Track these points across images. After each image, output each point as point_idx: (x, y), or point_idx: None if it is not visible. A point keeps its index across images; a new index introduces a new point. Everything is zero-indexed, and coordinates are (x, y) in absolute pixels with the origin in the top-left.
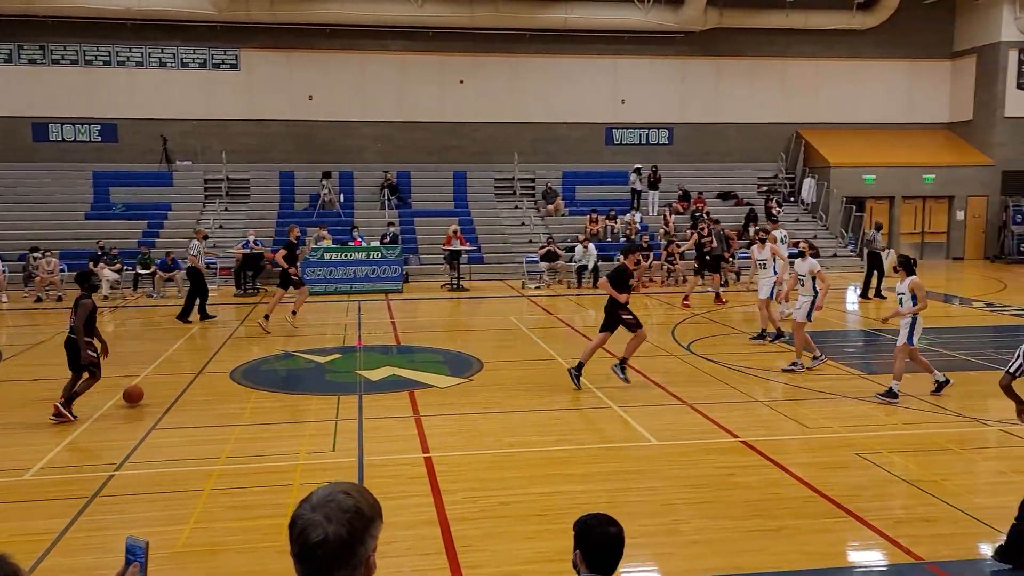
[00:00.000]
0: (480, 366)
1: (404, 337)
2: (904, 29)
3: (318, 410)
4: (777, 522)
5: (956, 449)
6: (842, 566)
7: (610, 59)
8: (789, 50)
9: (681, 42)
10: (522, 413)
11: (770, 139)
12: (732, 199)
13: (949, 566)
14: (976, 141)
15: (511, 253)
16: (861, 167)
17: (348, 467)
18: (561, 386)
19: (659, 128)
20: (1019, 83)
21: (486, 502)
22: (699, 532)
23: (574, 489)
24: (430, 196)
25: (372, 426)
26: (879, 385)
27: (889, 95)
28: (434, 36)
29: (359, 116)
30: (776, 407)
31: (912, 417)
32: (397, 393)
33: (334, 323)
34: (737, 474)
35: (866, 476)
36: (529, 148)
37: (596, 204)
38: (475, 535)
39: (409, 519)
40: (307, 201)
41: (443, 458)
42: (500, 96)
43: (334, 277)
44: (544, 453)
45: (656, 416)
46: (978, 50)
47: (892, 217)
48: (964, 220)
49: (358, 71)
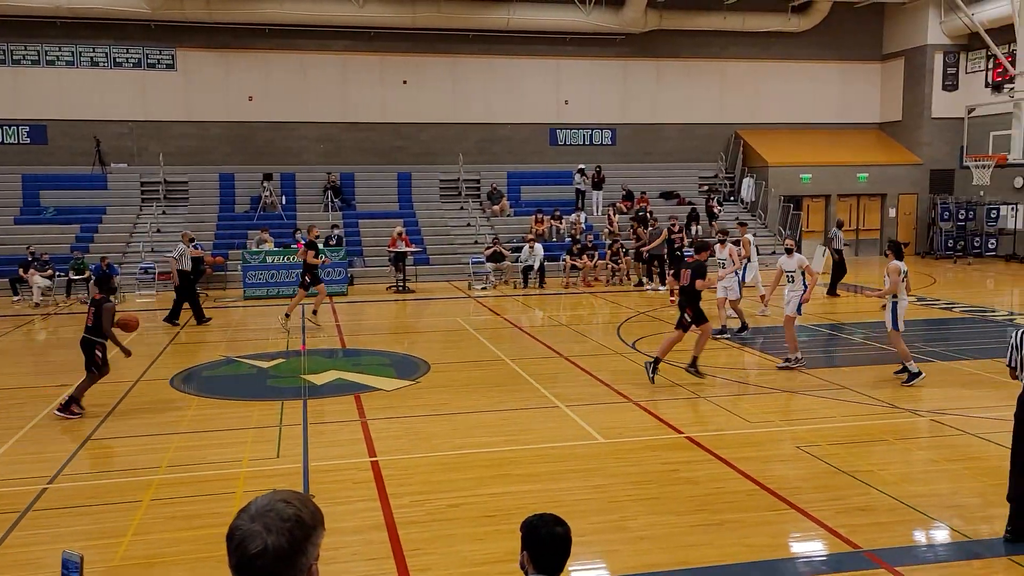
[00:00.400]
0: (427, 368)
1: (349, 340)
2: (836, 32)
3: (261, 416)
4: (721, 516)
5: (891, 439)
6: (784, 557)
7: (553, 60)
8: (727, 52)
9: (622, 44)
10: (470, 414)
11: (710, 139)
12: (674, 198)
13: (885, 553)
14: (905, 141)
15: (457, 254)
16: (798, 166)
17: (293, 473)
18: (509, 386)
19: (602, 128)
20: (944, 85)
21: (434, 505)
22: (645, 528)
23: (522, 489)
24: (374, 197)
25: (317, 431)
26: (820, 380)
27: (823, 96)
28: (376, 36)
29: (300, 117)
30: (719, 403)
31: (849, 410)
32: (343, 397)
33: (277, 327)
34: (682, 470)
35: (806, 468)
36: (474, 149)
37: (541, 204)
38: (423, 539)
39: (356, 524)
40: (248, 204)
41: (390, 462)
42: (444, 97)
43: (276, 281)
44: (492, 454)
45: (603, 414)
46: (906, 53)
47: (828, 215)
48: (896, 217)
49: (299, 71)
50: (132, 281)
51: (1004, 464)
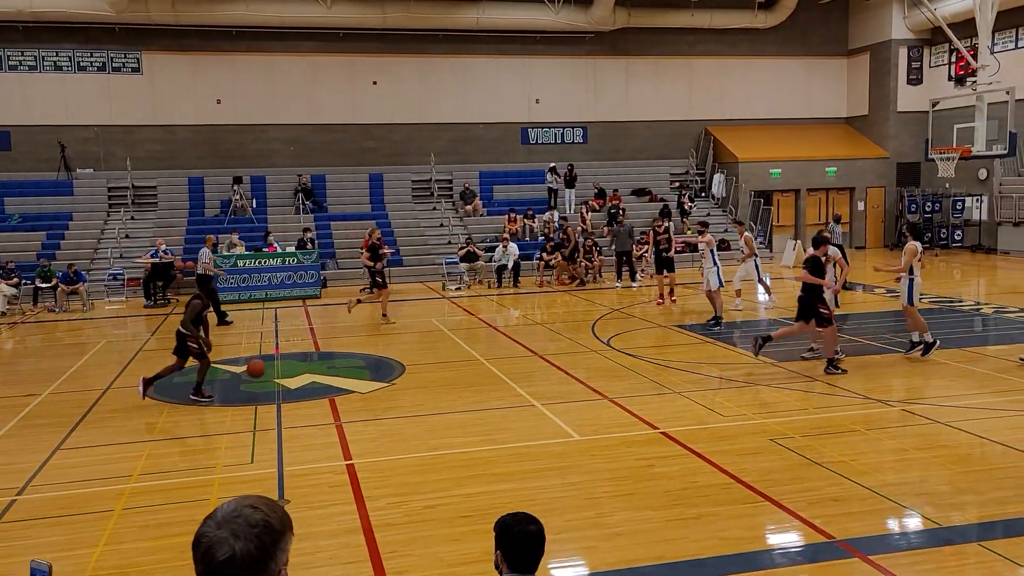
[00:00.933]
0: (402, 370)
1: (323, 343)
2: (803, 28)
3: (235, 421)
4: (697, 510)
5: (862, 430)
6: (759, 549)
7: (523, 59)
8: (695, 49)
9: (591, 42)
10: (445, 415)
11: (680, 136)
12: (646, 195)
13: (858, 543)
14: (872, 135)
15: (430, 255)
16: (767, 161)
17: (267, 478)
18: (484, 386)
19: (573, 127)
20: (909, 79)
21: (410, 507)
22: (622, 524)
23: (499, 489)
24: (346, 199)
25: (292, 435)
26: (792, 373)
27: (791, 91)
28: (344, 37)
29: (270, 119)
30: (693, 397)
31: (821, 401)
32: (317, 400)
33: (250, 332)
34: (657, 465)
35: (780, 460)
36: (445, 149)
37: (514, 203)
38: (400, 541)
39: (332, 528)
40: (218, 207)
41: (366, 465)
42: (414, 97)
43: (249, 285)
44: (468, 454)
45: (578, 412)
46: (871, 48)
47: (798, 209)
48: (864, 210)
49: (267, 73)
50: (101, 288)
51: (973, 452)
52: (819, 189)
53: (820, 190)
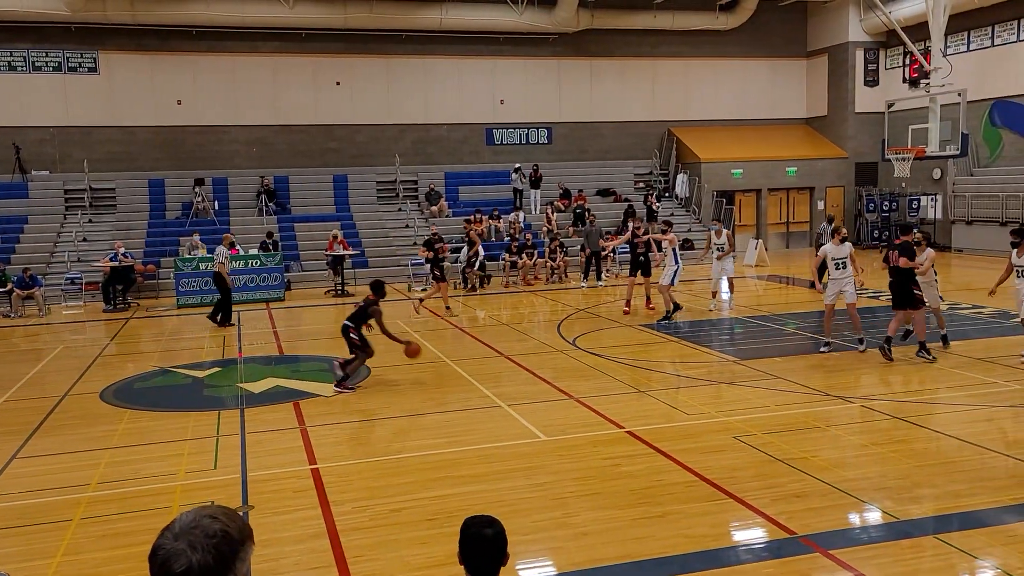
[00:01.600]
0: (367, 372)
1: (287, 346)
2: (763, 30)
3: (197, 427)
4: (662, 508)
5: (823, 426)
6: (725, 546)
7: (487, 60)
8: (658, 50)
9: (556, 43)
10: (411, 417)
11: (644, 136)
12: (611, 195)
13: (819, 537)
14: (831, 135)
15: (396, 256)
16: (729, 162)
17: (231, 484)
18: (450, 387)
19: (538, 127)
20: (866, 80)
21: (376, 510)
22: (589, 524)
23: (465, 491)
24: (310, 200)
25: (255, 440)
26: (754, 370)
27: (752, 92)
28: (307, 37)
29: (232, 120)
30: (658, 396)
31: (783, 399)
32: (281, 404)
33: (213, 335)
34: (623, 464)
35: (743, 458)
36: (410, 150)
37: (479, 204)
38: (366, 545)
39: (297, 534)
40: (179, 210)
41: (331, 468)
42: (378, 98)
43: (212, 288)
44: (434, 456)
45: (544, 412)
46: (829, 49)
47: (759, 209)
48: (824, 210)
49: (229, 74)
50: (58, 292)
51: (929, 446)
52: (780, 189)
53: (781, 190)
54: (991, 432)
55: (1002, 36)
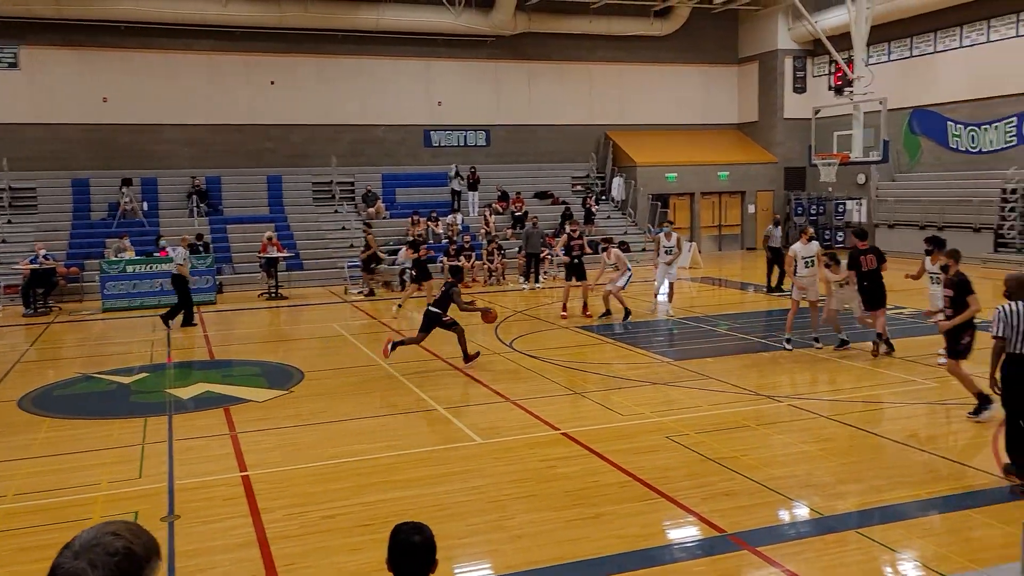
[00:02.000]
0: (301, 376)
1: (219, 351)
2: (696, 36)
3: (122, 435)
4: (596, 509)
5: (753, 425)
6: (657, 545)
7: (425, 61)
8: (594, 55)
9: (493, 45)
10: (345, 422)
11: (581, 140)
12: (549, 198)
13: (748, 535)
14: (761, 140)
15: (332, 258)
16: (664, 166)
17: (157, 493)
18: (386, 391)
19: (476, 130)
20: (795, 87)
21: (308, 518)
22: (524, 526)
23: (400, 496)
24: (243, 201)
25: (184, 447)
26: (687, 371)
27: (686, 98)
28: (242, 36)
29: (163, 119)
30: (593, 398)
31: (715, 399)
32: (211, 410)
33: (140, 340)
34: (558, 465)
35: (676, 457)
36: (347, 151)
37: (417, 206)
38: (297, 552)
39: (226, 543)
40: (105, 211)
41: (262, 475)
42: (314, 98)
43: (140, 291)
44: (369, 461)
45: (481, 415)
46: (759, 57)
47: (693, 212)
48: (755, 213)
49: (161, 71)
50: None
51: (854, 443)
52: (712, 193)
53: (713, 194)
54: (910, 429)
55: (920, 47)
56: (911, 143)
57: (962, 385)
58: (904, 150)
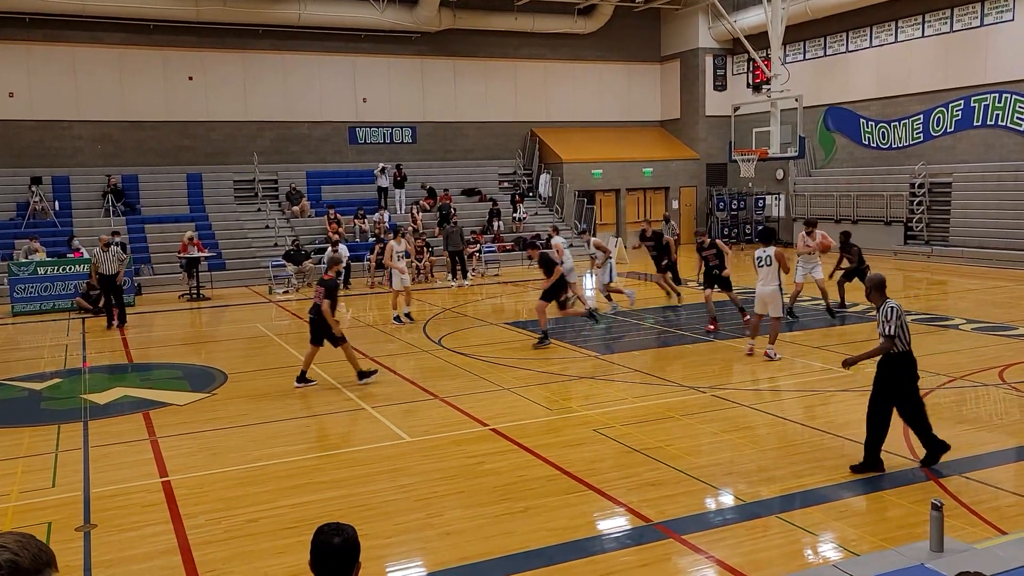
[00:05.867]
0: (224, 378)
1: (137, 354)
2: (619, 34)
3: (33, 443)
4: (524, 503)
5: (677, 416)
6: (586, 536)
7: (349, 57)
8: (520, 52)
9: (419, 42)
10: (270, 424)
11: (507, 137)
12: (476, 195)
13: (673, 523)
14: (684, 137)
15: (256, 258)
16: (589, 162)
17: (71, 502)
18: (312, 392)
19: (402, 126)
20: (715, 85)
21: (231, 522)
22: (453, 523)
23: (326, 497)
24: (162, 200)
25: (100, 454)
26: (613, 365)
27: (610, 95)
28: (156, 29)
29: (73, 115)
30: (522, 393)
31: (640, 391)
32: (130, 416)
33: (53, 344)
34: (487, 461)
35: (602, 449)
36: (270, 148)
37: (343, 204)
38: (220, 558)
39: (146, 551)
40: (14, 210)
41: (183, 481)
42: (234, 94)
43: (52, 293)
44: (294, 463)
45: (408, 413)
46: (680, 55)
47: (619, 208)
48: (679, 209)
49: (69, 66)
50: None
51: (774, 430)
52: (637, 189)
53: (638, 190)
54: (827, 415)
55: (833, 47)
56: (826, 139)
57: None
58: (820, 146)
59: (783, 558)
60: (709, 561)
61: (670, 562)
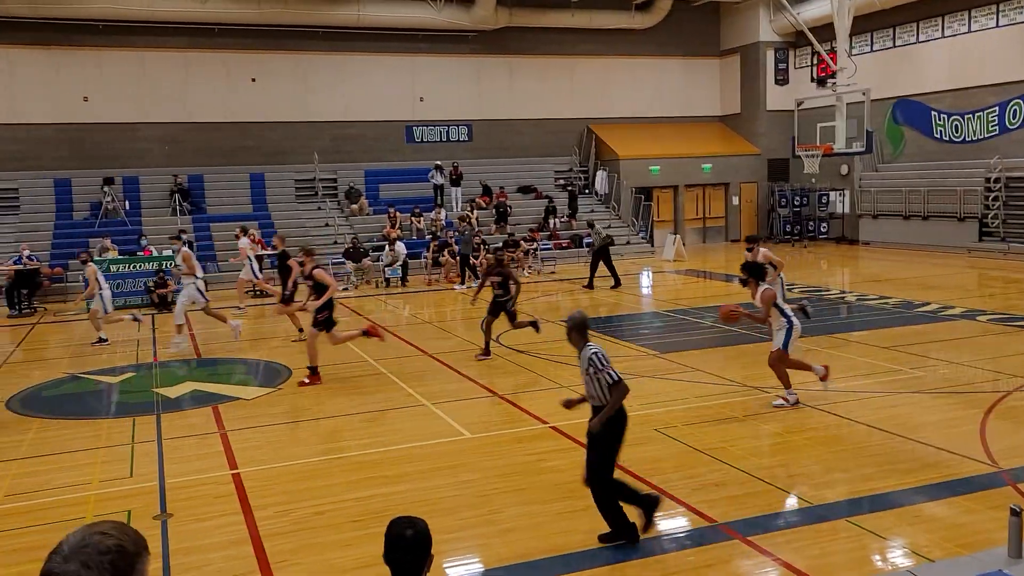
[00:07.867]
0: (288, 374)
1: (205, 349)
2: (678, 29)
3: (111, 434)
4: (585, 501)
5: (740, 416)
6: (646, 536)
7: (406, 57)
8: (577, 48)
9: (475, 41)
10: (334, 418)
11: (563, 133)
12: (532, 192)
13: (738, 525)
14: (744, 132)
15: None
16: (647, 159)
17: (147, 492)
18: (373, 387)
19: (458, 125)
20: (776, 79)
21: (299, 514)
22: (514, 519)
23: (390, 491)
24: (226, 200)
25: (173, 446)
26: (674, 364)
27: (668, 90)
28: (219, 32)
29: (141, 117)
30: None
31: (701, 391)
32: (200, 409)
33: (125, 339)
34: (547, 459)
35: (664, 449)
36: (329, 147)
37: (400, 202)
38: (289, 549)
39: (218, 540)
40: (87, 210)
41: (252, 473)
42: (295, 95)
43: (123, 291)
44: (358, 457)
45: (468, 410)
46: (741, 49)
47: (677, 205)
48: (739, 205)
49: (137, 69)
50: None
51: (841, 432)
52: (696, 185)
53: (697, 186)
54: (897, 418)
55: (903, 38)
56: (894, 133)
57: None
58: (887, 140)
59: (853, 563)
60: (776, 564)
61: (735, 563)
